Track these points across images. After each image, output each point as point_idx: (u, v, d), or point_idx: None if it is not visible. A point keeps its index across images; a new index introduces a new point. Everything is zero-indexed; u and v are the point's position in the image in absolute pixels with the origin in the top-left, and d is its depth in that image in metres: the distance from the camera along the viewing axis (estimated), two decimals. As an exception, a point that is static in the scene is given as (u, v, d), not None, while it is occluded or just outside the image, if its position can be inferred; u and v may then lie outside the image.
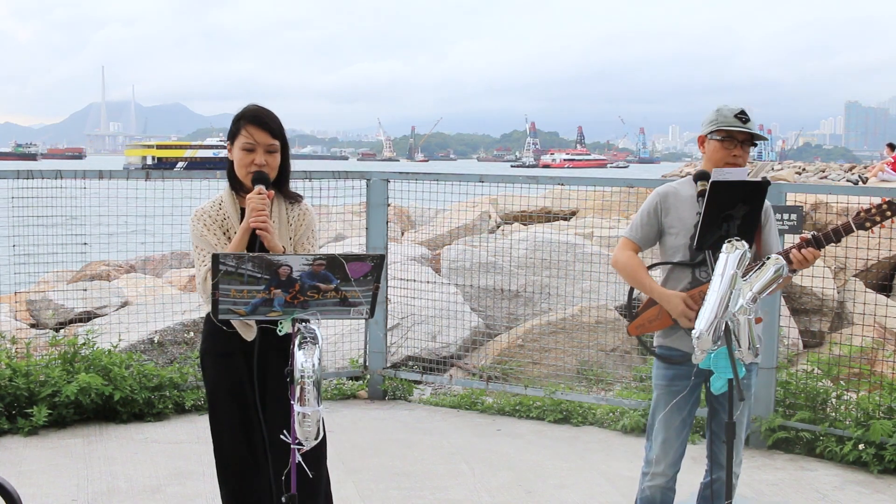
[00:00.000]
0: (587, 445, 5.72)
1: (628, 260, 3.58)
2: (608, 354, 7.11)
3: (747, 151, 3.49)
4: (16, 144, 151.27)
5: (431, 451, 5.54)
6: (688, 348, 3.48)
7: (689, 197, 3.53)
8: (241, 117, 3.28)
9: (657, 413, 3.56)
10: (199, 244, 3.28)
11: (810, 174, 40.98)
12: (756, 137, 3.48)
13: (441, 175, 6.75)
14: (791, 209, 5.50)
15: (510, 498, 4.80)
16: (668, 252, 3.56)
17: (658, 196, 3.58)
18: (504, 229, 10.90)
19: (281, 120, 3.32)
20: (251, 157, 3.23)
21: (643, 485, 3.59)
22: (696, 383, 3.54)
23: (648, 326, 3.60)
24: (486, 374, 6.97)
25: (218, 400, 3.34)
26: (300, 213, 3.39)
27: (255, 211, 3.11)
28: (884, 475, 5.14)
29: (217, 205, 3.34)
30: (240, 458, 3.29)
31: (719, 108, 3.51)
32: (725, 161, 3.45)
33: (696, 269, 3.47)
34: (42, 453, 5.34)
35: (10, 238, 6.14)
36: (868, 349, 6.23)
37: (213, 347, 3.33)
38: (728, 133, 3.45)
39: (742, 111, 3.45)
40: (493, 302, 7.99)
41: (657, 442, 3.54)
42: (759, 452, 5.56)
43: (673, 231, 3.53)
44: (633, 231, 3.63)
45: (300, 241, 3.36)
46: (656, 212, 3.57)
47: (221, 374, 3.31)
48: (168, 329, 6.99)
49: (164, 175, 6.62)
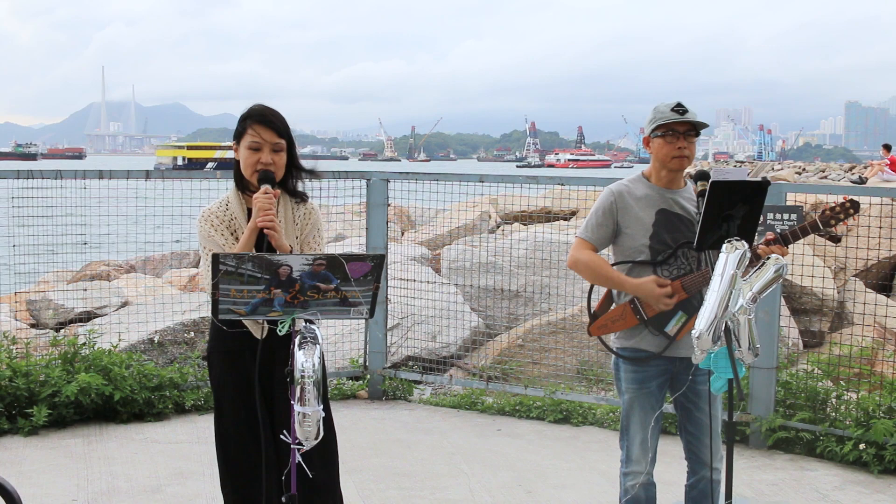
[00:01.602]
0: (587, 445, 5.72)
1: (590, 258, 3.56)
2: (608, 354, 7.09)
3: (692, 142, 3.49)
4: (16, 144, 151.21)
5: (431, 451, 5.54)
6: (653, 347, 3.52)
7: (644, 196, 3.54)
8: (248, 116, 3.29)
9: (632, 415, 3.58)
10: (206, 245, 3.28)
11: (810, 174, 40.94)
12: (698, 126, 3.48)
13: (441, 175, 6.75)
14: (791, 209, 5.49)
15: (510, 498, 4.80)
16: (626, 252, 3.55)
17: (612, 195, 3.56)
18: (504, 229, 10.89)
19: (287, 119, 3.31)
20: (257, 156, 3.23)
21: (626, 484, 3.61)
22: (664, 381, 3.57)
23: (612, 326, 3.60)
24: (486, 374, 6.97)
25: (224, 398, 3.33)
26: (306, 213, 3.39)
27: (262, 210, 3.10)
28: (884, 475, 5.14)
29: (224, 205, 3.34)
30: (244, 457, 3.27)
31: (656, 107, 3.54)
32: (672, 156, 3.46)
33: (658, 267, 3.47)
34: (42, 453, 5.34)
35: (10, 238, 6.14)
36: (868, 349, 6.23)
37: (221, 346, 3.32)
38: (668, 127, 3.46)
39: (678, 104, 3.47)
40: (493, 302, 7.99)
41: (635, 442, 3.57)
42: (759, 452, 5.56)
43: (631, 231, 3.52)
44: (587, 231, 3.60)
45: (306, 241, 3.36)
46: (612, 211, 3.55)
47: (229, 372, 3.30)
48: (168, 329, 6.99)
49: (164, 175, 6.62)
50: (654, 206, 3.51)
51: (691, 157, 3.50)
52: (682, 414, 3.63)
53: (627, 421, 3.60)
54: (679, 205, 3.52)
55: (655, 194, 3.53)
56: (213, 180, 6.30)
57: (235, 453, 3.30)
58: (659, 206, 3.51)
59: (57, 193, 6.16)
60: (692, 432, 3.58)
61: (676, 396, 3.58)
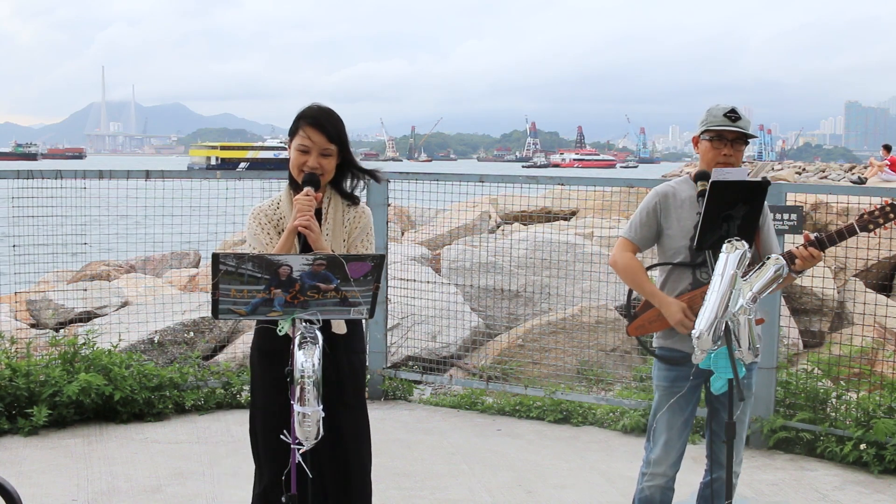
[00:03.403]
0: (587, 445, 5.72)
1: (628, 262, 3.56)
2: (608, 354, 7.11)
3: (740, 150, 3.47)
4: (16, 144, 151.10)
5: (431, 451, 5.54)
6: (689, 349, 3.47)
7: (689, 197, 3.52)
8: (302, 117, 3.26)
9: (659, 414, 3.55)
10: (252, 242, 3.29)
11: (810, 174, 40.94)
12: (747, 136, 3.47)
13: (441, 175, 6.75)
14: (791, 209, 5.49)
15: (510, 498, 4.80)
16: (667, 253, 3.55)
17: (657, 196, 3.56)
18: (504, 229, 10.89)
19: (343, 121, 3.29)
20: (305, 158, 3.22)
21: (642, 484, 3.59)
22: (697, 384, 3.54)
23: (649, 327, 3.59)
24: (486, 374, 6.96)
25: (258, 396, 3.35)
26: (356, 215, 3.38)
27: (300, 212, 3.10)
28: (884, 475, 5.14)
29: (276, 204, 3.34)
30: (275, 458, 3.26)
31: (710, 108, 3.51)
32: (717, 161, 3.44)
33: (697, 269, 3.46)
34: (42, 453, 5.34)
35: (10, 238, 6.14)
36: (868, 349, 6.23)
37: (262, 344, 3.33)
38: (717, 133, 3.45)
39: (732, 109, 3.44)
40: (493, 302, 7.99)
41: (659, 443, 3.53)
42: (759, 452, 5.56)
43: (672, 232, 3.51)
44: (631, 231, 3.60)
45: (354, 243, 3.35)
46: (655, 212, 3.55)
47: (266, 370, 3.31)
48: (168, 329, 6.99)
49: (165, 175, 6.62)
50: (696, 208, 3.46)
51: (736, 165, 3.46)
52: (709, 413, 3.62)
53: (654, 420, 3.58)
54: None
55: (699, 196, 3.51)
56: (214, 180, 6.30)
57: (263, 449, 3.32)
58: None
59: (57, 193, 6.16)
60: (716, 431, 3.57)
61: (706, 396, 3.56)
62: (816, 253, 3.31)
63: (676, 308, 3.41)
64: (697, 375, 3.50)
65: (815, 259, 3.31)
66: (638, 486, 3.62)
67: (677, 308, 3.41)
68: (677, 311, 3.41)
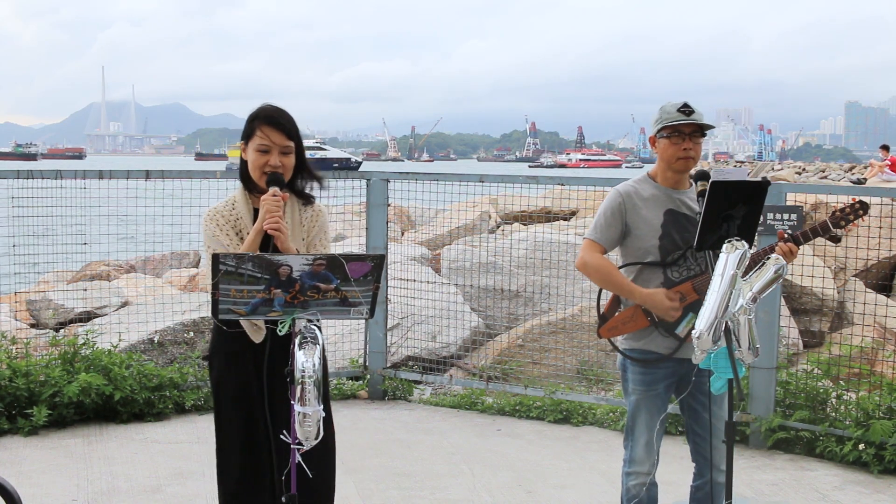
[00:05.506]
0: (587, 445, 5.72)
1: (599, 262, 3.52)
2: (608, 354, 7.11)
3: (698, 143, 3.48)
4: (16, 144, 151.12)
5: (431, 451, 5.54)
6: (663, 349, 3.51)
7: (652, 196, 3.52)
8: (256, 117, 3.26)
9: (638, 416, 3.56)
10: (211, 244, 3.26)
11: (810, 174, 40.95)
12: (704, 127, 3.48)
13: (441, 175, 6.75)
14: (791, 209, 5.49)
15: (510, 498, 4.80)
16: (635, 253, 3.53)
17: (620, 196, 3.53)
18: (504, 229, 10.89)
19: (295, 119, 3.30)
20: (266, 158, 3.21)
21: (628, 484, 3.60)
22: (671, 383, 3.57)
23: (622, 328, 3.57)
24: (486, 374, 6.97)
25: (222, 399, 3.33)
26: (313, 215, 3.37)
27: (269, 213, 3.08)
28: (884, 475, 5.14)
29: (230, 205, 3.32)
30: (241, 458, 3.27)
31: (663, 106, 3.52)
32: (677, 157, 3.46)
33: (668, 268, 3.47)
34: (42, 453, 5.34)
35: (10, 238, 6.14)
36: (868, 349, 6.23)
37: (223, 346, 3.31)
38: (674, 128, 3.45)
39: (685, 104, 3.46)
40: (493, 302, 7.99)
41: (640, 443, 3.56)
42: (759, 452, 5.56)
43: (640, 232, 3.50)
44: (597, 232, 3.56)
45: (313, 243, 3.34)
46: (621, 212, 3.52)
47: (229, 372, 3.29)
48: (168, 329, 6.99)
49: (165, 175, 6.62)
50: (661, 207, 3.49)
51: (696, 158, 3.49)
52: (689, 415, 3.61)
53: (633, 422, 3.58)
54: (686, 205, 3.51)
55: (662, 195, 3.52)
56: (213, 180, 6.30)
57: (230, 454, 3.30)
58: (667, 207, 3.49)
59: (57, 193, 6.16)
60: (700, 433, 3.57)
61: (683, 398, 3.57)
62: (795, 248, 3.39)
63: (661, 296, 3.41)
64: (671, 375, 3.52)
65: (793, 255, 3.39)
66: (623, 486, 3.63)
67: (661, 296, 3.41)
68: (662, 298, 3.41)
